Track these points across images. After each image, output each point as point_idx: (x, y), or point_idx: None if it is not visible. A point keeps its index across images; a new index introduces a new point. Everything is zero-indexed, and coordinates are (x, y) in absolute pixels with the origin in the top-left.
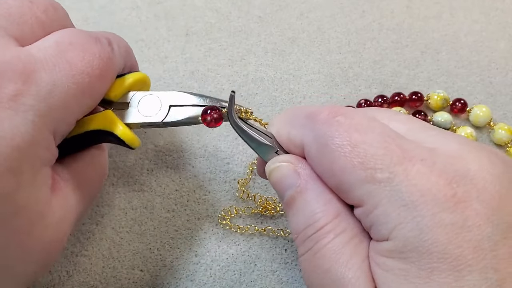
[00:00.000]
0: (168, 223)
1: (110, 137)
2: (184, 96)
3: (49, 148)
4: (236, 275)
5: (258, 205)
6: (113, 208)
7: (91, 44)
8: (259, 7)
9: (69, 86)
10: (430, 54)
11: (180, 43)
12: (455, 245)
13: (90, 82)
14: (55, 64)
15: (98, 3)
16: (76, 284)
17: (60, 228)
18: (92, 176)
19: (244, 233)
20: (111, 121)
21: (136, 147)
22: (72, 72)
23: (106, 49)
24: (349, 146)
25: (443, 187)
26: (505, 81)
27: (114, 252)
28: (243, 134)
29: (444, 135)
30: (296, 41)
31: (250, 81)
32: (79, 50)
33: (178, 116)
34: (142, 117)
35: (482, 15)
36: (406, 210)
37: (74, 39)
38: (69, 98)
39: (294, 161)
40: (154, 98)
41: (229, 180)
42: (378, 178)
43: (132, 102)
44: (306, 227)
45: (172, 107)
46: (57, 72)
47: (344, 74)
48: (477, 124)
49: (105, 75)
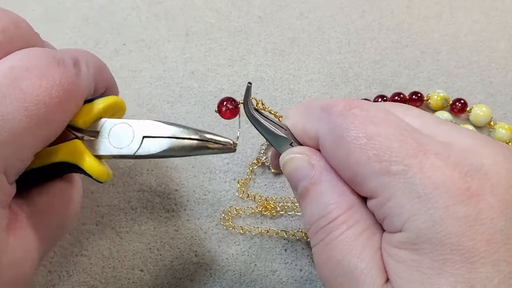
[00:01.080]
0: (168, 223)
1: (76, 169)
2: (158, 126)
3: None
4: (236, 275)
5: (258, 205)
6: (113, 208)
7: (52, 68)
8: (259, 7)
9: (21, 119)
10: (430, 54)
11: (180, 43)
12: (468, 237)
13: (47, 112)
14: (6, 95)
15: (98, 3)
16: (76, 284)
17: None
18: (58, 211)
19: (244, 233)
20: (78, 153)
21: (105, 180)
22: (25, 104)
23: (70, 73)
24: (364, 138)
25: (457, 180)
26: (505, 81)
27: (114, 252)
28: (258, 126)
29: (458, 130)
30: (296, 41)
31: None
32: (36, 77)
33: (151, 149)
34: (113, 148)
35: (482, 15)
36: (420, 202)
37: (32, 63)
38: (21, 132)
39: (309, 153)
40: (127, 128)
41: (229, 180)
42: (393, 170)
43: (103, 130)
44: (319, 218)
45: (145, 138)
46: (7, 104)
47: (344, 74)
48: (477, 124)
49: (66, 104)
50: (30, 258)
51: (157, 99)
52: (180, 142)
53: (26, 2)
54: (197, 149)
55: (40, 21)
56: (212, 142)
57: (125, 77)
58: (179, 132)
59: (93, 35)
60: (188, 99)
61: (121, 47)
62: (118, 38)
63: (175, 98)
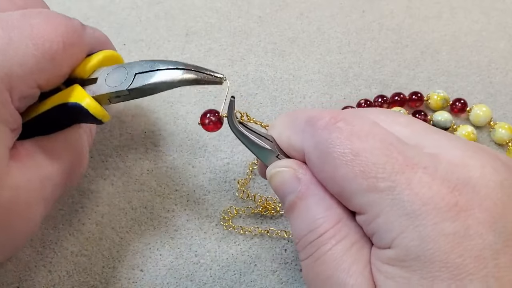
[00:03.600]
0: (168, 223)
1: (77, 110)
2: (149, 63)
3: (4, 104)
4: (236, 275)
5: (258, 205)
6: (113, 208)
7: (60, 16)
8: (259, 7)
9: (27, 45)
10: (430, 54)
11: (180, 43)
12: (457, 254)
13: (52, 47)
14: (16, 26)
15: (98, 3)
16: (76, 284)
17: (20, 197)
18: (63, 154)
19: (244, 234)
20: (77, 94)
21: (105, 120)
22: (33, 34)
23: (76, 24)
24: (350, 154)
25: (445, 195)
26: (505, 81)
27: (114, 252)
28: (243, 139)
29: (447, 139)
30: (296, 41)
31: (250, 81)
32: (45, 18)
33: (144, 82)
34: (108, 88)
35: (482, 15)
36: (408, 219)
37: (44, 11)
38: (27, 56)
39: (295, 166)
40: (122, 70)
41: (229, 180)
42: (380, 187)
43: (100, 77)
44: (307, 233)
45: (137, 74)
46: (16, 31)
47: (344, 74)
48: (477, 124)
49: (70, 47)
50: (32, 191)
51: (157, 99)
52: (169, 72)
53: None
54: (187, 79)
55: None
56: (200, 72)
57: None
58: (168, 64)
59: None
60: (188, 99)
61: (121, 47)
62: (118, 38)
63: (175, 98)
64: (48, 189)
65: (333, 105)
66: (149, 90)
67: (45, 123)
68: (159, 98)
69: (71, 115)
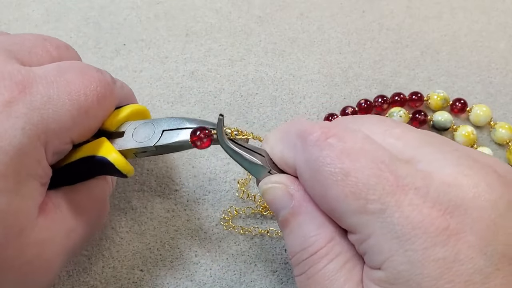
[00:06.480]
0: (168, 223)
1: (104, 164)
2: (177, 121)
3: (39, 161)
4: (236, 275)
5: (258, 205)
6: (113, 208)
7: (92, 70)
8: (259, 7)
9: (64, 101)
10: (430, 54)
11: (180, 43)
12: (446, 280)
13: (87, 102)
14: (53, 81)
15: (98, 3)
16: (76, 284)
17: (44, 252)
18: (88, 206)
19: (244, 234)
20: (105, 148)
21: (130, 174)
22: (68, 89)
23: (107, 78)
24: (341, 174)
25: (436, 219)
26: (505, 81)
27: (114, 252)
28: (234, 155)
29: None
30: (296, 41)
31: (250, 81)
32: (79, 73)
33: (170, 140)
34: (135, 143)
35: (482, 15)
36: (398, 242)
37: (76, 64)
38: (63, 112)
39: (287, 182)
40: (149, 125)
41: (229, 180)
42: (370, 210)
43: (128, 130)
44: (300, 250)
45: (165, 131)
46: (54, 87)
47: (344, 74)
48: (477, 124)
49: (102, 100)
50: (56, 245)
51: (157, 99)
52: None
53: (26, 2)
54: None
55: (40, 21)
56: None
57: (125, 77)
58: (196, 123)
59: (93, 35)
60: (188, 99)
61: (121, 47)
62: (118, 38)
63: (175, 98)
64: (72, 241)
65: (333, 105)
66: (176, 147)
67: (70, 174)
68: (159, 98)
69: (97, 168)
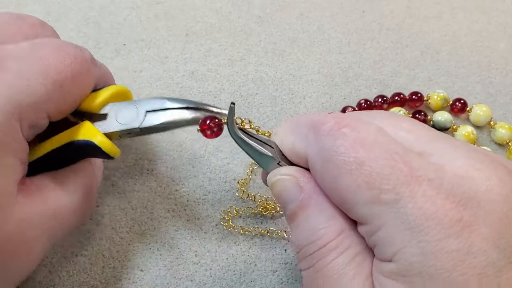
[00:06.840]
0: (168, 223)
1: (89, 147)
2: (160, 101)
3: (14, 136)
4: (236, 275)
5: (258, 205)
6: (113, 208)
7: (69, 47)
8: (259, 7)
9: (37, 76)
10: (430, 54)
11: (180, 43)
12: (459, 272)
13: (60, 76)
14: (26, 57)
15: (98, 3)
16: (76, 284)
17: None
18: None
19: (244, 234)
20: (89, 131)
21: (117, 156)
22: (41, 64)
23: (85, 54)
24: (355, 163)
25: (449, 211)
26: (505, 81)
27: (114, 252)
28: (243, 145)
29: (453, 147)
30: (296, 41)
31: (250, 81)
32: (54, 49)
33: (154, 121)
34: (119, 125)
35: (482, 15)
36: (411, 234)
37: (53, 41)
38: (37, 86)
39: (297, 174)
40: (132, 107)
41: (229, 180)
42: (384, 200)
43: (110, 113)
44: (308, 243)
45: (148, 112)
46: (26, 62)
47: (344, 74)
48: (477, 124)
49: (78, 75)
50: (38, 226)
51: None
52: (179, 112)
53: (26, 2)
54: (195, 119)
55: None
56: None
57: (125, 77)
58: (179, 103)
59: (93, 35)
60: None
61: (121, 47)
62: (118, 38)
63: None
64: (55, 225)
65: (333, 105)
66: (160, 129)
67: (55, 160)
68: None
69: (82, 152)
